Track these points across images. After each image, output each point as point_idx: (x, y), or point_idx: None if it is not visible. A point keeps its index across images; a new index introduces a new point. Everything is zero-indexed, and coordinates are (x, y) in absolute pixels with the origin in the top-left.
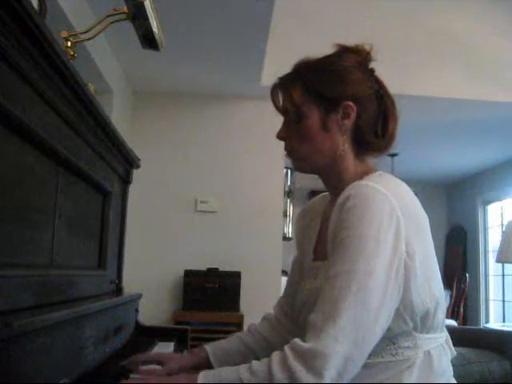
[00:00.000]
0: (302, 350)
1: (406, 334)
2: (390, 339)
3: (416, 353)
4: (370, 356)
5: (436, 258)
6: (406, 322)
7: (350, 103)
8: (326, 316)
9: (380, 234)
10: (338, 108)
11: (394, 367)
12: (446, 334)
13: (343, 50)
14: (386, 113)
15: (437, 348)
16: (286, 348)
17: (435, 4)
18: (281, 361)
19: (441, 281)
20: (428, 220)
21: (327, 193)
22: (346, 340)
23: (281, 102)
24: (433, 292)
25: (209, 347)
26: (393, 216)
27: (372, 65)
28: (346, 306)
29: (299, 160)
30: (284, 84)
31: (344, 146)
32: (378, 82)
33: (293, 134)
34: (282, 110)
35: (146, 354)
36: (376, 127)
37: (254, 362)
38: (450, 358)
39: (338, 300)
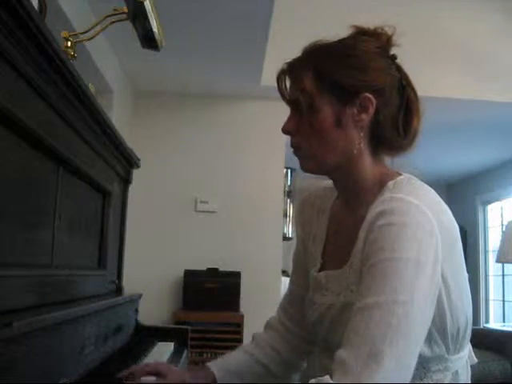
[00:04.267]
0: None
1: (439, 357)
2: (420, 363)
3: (445, 375)
4: None
5: (466, 269)
6: (440, 345)
7: (369, 95)
8: (364, 357)
9: (421, 257)
10: (354, 100)
11: None
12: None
13: (361, 33)
14: (409, 106)
15: (463, 367)
16: None
17: (433, 4)
18: None
19: (469, 293)
20: (458, 230)
21: (329, 186)
22: (389, 382)
23: (288, 91)
24: (464, 309)
25: (214, 366)
26: (433, 235)
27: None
28: (387, 344)
29: (307, 158)
30: (293, 69)
31: (360, 144)
32: (399, 70)
33: (301, 129)
34: (290, 100)
35: (143, 367)
36: (397, 123)
37: None
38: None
39: (377, 338)
